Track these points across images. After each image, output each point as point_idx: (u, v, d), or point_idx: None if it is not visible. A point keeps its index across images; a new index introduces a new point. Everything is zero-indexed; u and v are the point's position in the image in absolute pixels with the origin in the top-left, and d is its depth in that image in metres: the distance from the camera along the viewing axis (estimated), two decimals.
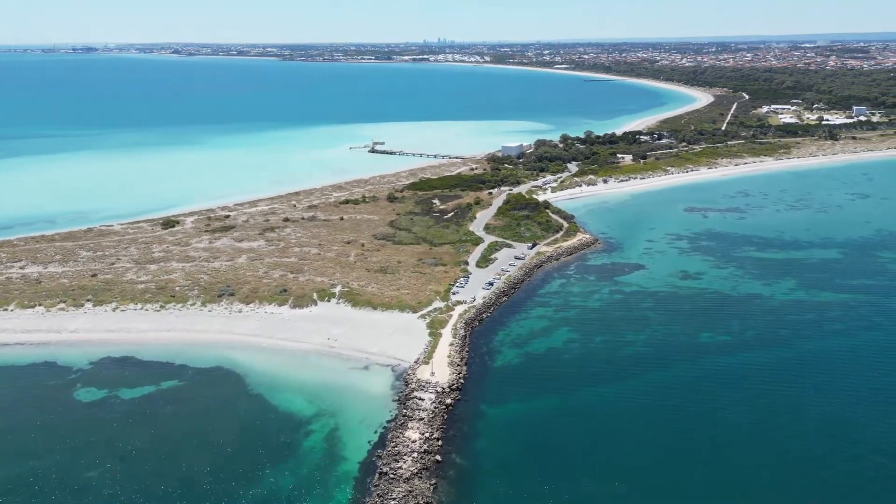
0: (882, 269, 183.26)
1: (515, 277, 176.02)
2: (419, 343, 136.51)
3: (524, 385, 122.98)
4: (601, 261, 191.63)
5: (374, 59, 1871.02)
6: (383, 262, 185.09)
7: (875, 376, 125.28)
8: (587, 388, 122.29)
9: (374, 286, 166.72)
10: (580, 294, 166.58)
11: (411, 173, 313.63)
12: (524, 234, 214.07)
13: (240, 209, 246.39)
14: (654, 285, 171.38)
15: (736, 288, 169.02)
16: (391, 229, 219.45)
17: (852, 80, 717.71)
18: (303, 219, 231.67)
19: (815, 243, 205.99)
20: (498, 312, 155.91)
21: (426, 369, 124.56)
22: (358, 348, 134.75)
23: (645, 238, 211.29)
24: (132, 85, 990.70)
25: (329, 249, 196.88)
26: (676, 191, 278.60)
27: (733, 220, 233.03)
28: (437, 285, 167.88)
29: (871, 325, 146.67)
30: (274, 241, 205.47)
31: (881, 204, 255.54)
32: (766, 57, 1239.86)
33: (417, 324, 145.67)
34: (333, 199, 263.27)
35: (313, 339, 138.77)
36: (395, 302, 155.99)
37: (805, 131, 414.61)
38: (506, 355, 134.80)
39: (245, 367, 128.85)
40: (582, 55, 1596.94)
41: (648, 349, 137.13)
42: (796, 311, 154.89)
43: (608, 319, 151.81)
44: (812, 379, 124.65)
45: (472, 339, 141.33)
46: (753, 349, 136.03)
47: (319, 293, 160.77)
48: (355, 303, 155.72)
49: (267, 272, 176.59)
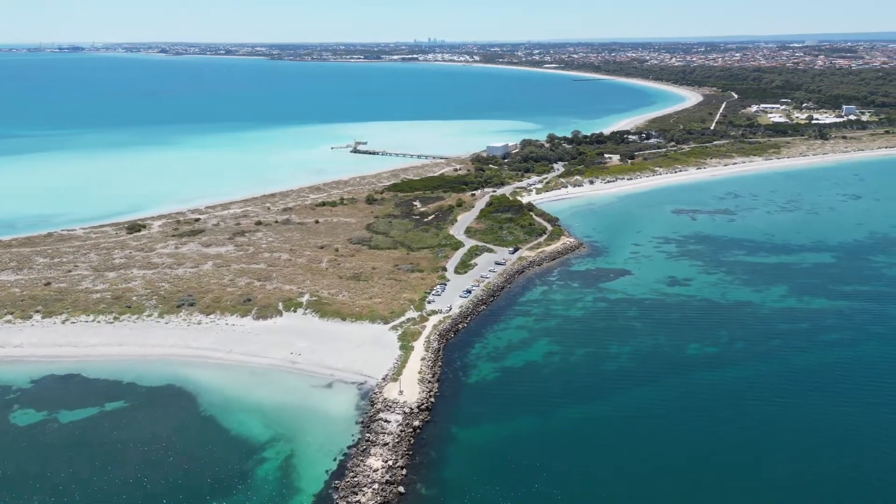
0: (877, 273, 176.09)
1: (495, 284, 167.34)
2: (389, 357, 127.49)
3: (500, 404, 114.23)
4: (585, 266, 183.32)
5: (363, 59, 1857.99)
6: (357, 269, 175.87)
7: (876, 391, 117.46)
8: (567, 406, 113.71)
9: (345, 294, 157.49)
10: (562, 302, 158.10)
11: (393, 174, 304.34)
12: (506, 237, 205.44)
13: (211, 212, 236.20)
14: (640, 292, 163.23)
15: (725, 295, 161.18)
16: (368, 233, 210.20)
17: (841, 80, 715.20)
18: (276, 222, 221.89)
19: (807, 247, 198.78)
20: (475, 323, 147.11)
21: (394, 387, 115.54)
22: (322, 364, 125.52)
23: (631, 241, 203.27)
24: (113, 84, 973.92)
25: (301, 255, 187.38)
26: (664, 192, 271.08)
27: (722, 223, 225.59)
28: (412, 293, 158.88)
29: (868, 335, 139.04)
30: (243, 246, 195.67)
31: (873, 205, 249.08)
32: (755, 56, 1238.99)
33: (388, 336, 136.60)
34: (310, 201, 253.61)
35: (275, 354, 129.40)
36: (365, 312, 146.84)
37: (795, 131, 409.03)
38: (481, 370, 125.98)
39: (199, 385, 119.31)
40: (571, 55, 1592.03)
41: (633, 363, 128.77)
42: (788, 319, 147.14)
43: (591, 330, 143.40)
44: (806, 395, 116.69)
45: (446, 352, 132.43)
46: (743, 362, 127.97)
47: (285, 303, 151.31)
48: (323, 313, 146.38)
49: (232, 280, 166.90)
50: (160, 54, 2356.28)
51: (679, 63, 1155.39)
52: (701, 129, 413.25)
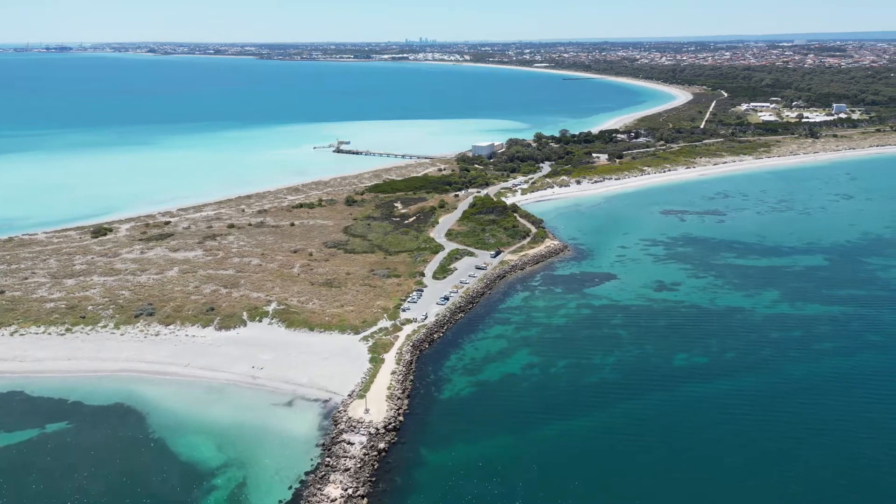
0: (871, 277, 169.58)
1: (475, 290, 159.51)
2: (357, 371, 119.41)
3: (473, 422, 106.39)
4: (570, 270, 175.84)
5: (352, 58, 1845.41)
6: (330, 274, 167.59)
7: (875, 405, 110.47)
8: (546, 424, 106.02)
9: (315, 302, 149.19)
10: (544, 309, 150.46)
11: (375, 174, 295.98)
12: (488, 240, 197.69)
13: (183, 215, 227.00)
14: (626, 298, 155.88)
15: (714, 301, 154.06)
16: (345, 236, 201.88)
17: (831, 78, 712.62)
18: (250, 225, 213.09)
19: (799, 249, 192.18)
20: (452, 332, 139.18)
21: (360, 405, 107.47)
22: (285, 378, 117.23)
23: (618, 244, 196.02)
24: (96, 83, 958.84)
25: (272, 260, 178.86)
26: (653, 192, 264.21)
27: (712, 224, 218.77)
28: (387, 300, 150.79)
29: (864, 343, 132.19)
30: (213, 250, 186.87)
31: (866, 205, 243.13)
32: (745, 55, 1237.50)
33: (358, 347, 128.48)
34: (287, 202, 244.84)
35: (236, 368, 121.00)
36: (335, 322, 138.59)
37: (785, 129, 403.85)
38: (455, 385, 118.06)
39: (150, 403, 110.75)
40: (562, 54, 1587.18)
41: (617, 375, 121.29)
42: (780, 327, 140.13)
43: (574, 339, 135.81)
44: (801, 411, 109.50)
45: (419, 364, 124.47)
46: (734, 374, 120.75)
47: (251, 312, 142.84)
48: (290, 323, 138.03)
49: (197, 287, 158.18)
50: (148, 54, 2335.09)
51: (669, 62, 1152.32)
52: (690, 128, 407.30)
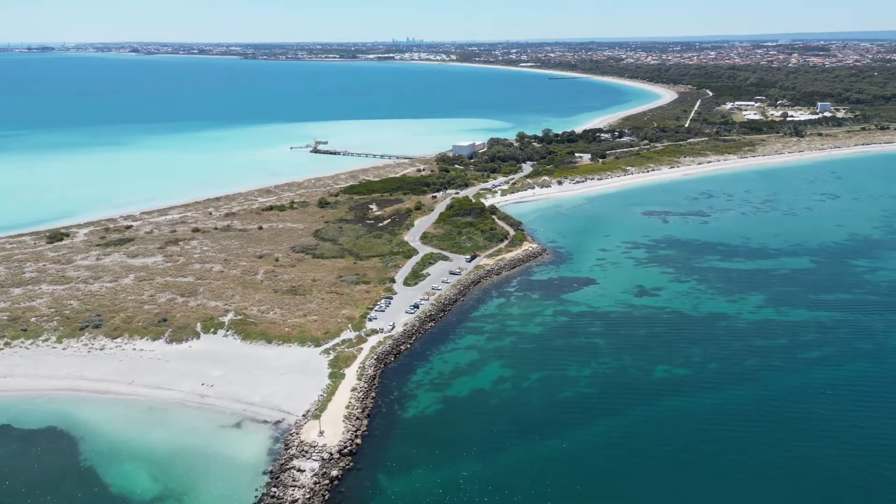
0: (858, 280, 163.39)
1: (447, 297, 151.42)
2: (315, 388, 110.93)
3: (437, 445, 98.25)
4: (548, 275, 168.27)
5: (338, 58, 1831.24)
6: (295, 281, 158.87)
7: (866, 420, 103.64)
8: (516, 445, 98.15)
9: (276, 312, 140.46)
10: (519, 317, 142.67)
11: (351, 175, 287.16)
12: (465, 244, 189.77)
13: (146, 218, 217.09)
14: (605, 304, 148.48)
15: (697, 307, 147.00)
16: (314, 240, 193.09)
17: (815, 77, 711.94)
18: (216, 229, 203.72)
19: (785, 251, 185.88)
20: (420, 343, 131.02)
21: (314, 426, 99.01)
22: (236, 397, 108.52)
23: (598, 247, 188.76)
24: (74, 83, 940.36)
25: (236, 266, 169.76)
26: (635, 192, 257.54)
27: (695, 225, 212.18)
28: (353, 309, 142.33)
29: (853, 351, 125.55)
30: (174, 256, 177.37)
31: (852, 205, 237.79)
32: (730, 55, 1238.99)
33: (318, 361, 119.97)
34: (258, 205, 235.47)
35: (183, 385, 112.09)
36: (295, 333, 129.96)
37: (770, 128, 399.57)
38: (421, 402, 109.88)
39: (86, 427, 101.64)
40: (548, 53, 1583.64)
41: (593, 389, 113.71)
42: (766, 334, 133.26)
43: (549, 349, 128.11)
44: (787, 426, 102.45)
45: (382, 379, 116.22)
46: (716, 387, 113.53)
47: (205, 323, 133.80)
48: (247, 335, 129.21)
49: (152, 296, 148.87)
50: (131, 54, 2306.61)
51: (655, 61, 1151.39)
52: (675, 127, 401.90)
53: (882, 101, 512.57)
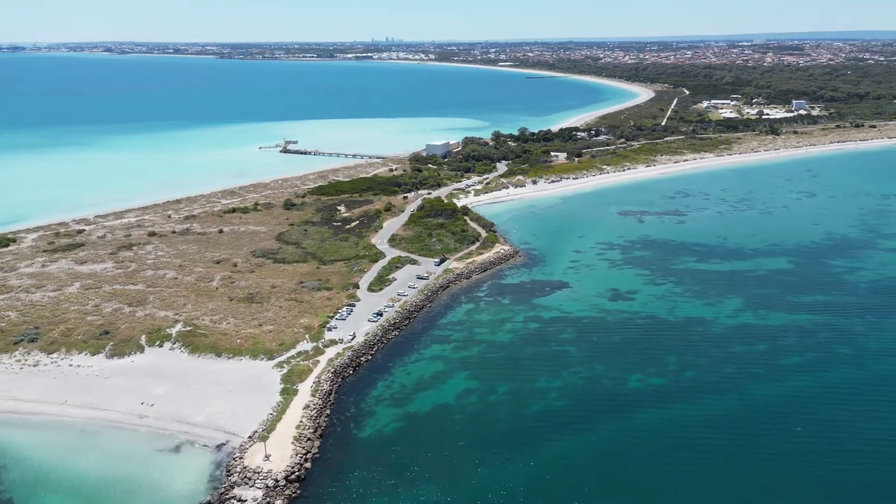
0: (837, 280, 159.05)
1: (413, 304, 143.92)
2: (264, 406, 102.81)
3: (395, 468, 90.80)
4: (519, 278, 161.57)
5: (316, 58, 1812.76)
6: (253, 288, 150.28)
7: (848, 431, 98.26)
8: (479, 467, 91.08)
9: (230, 321, 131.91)
10: (489, 324, 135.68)
11: (321, 175, 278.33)
12: (434, 246, 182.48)
13: (100, 222, 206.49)
14: (578, 309, 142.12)
15: (674, 311, 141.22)
16: (277, 243, 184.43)
17: (790, 76, 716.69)
18: (173, 232, 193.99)
19: (762, 251, 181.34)
20: (382, 353, 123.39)
21: (260, 450, 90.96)
22: (178, 417, 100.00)
23: (572, 248, 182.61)
24: (42, 83, 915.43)
25: (191, 272, 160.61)
26: (611, 192, 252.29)
27: (672, 225, 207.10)
28: (313, 318, 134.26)
29: (835, 357, 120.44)
30: (125, 262, 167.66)
31: (829, 203, 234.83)
32: (706, 54, 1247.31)
33: (270, 376, 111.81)
34: (220, 207, 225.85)
35: (121, 405, 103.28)
36: (248, 345, 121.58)
37: (746, 126, 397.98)
38: (379, 419, 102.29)
39: (11, 452, 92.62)
40: (527, 53, 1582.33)
41: (564, 402, 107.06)
42: (744, 339, 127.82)
43: (518, 359, 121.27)
44: (766, 438, 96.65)
45: (339, 395, 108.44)
46: (693, 397, 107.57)
47: (151, 335, 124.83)
48: (195, 348, 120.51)
49: (97, 306, 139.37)
50: (104, 53, 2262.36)
51: (632, 61, 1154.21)
52: (652, 126, 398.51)
53: (856, 98, 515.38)
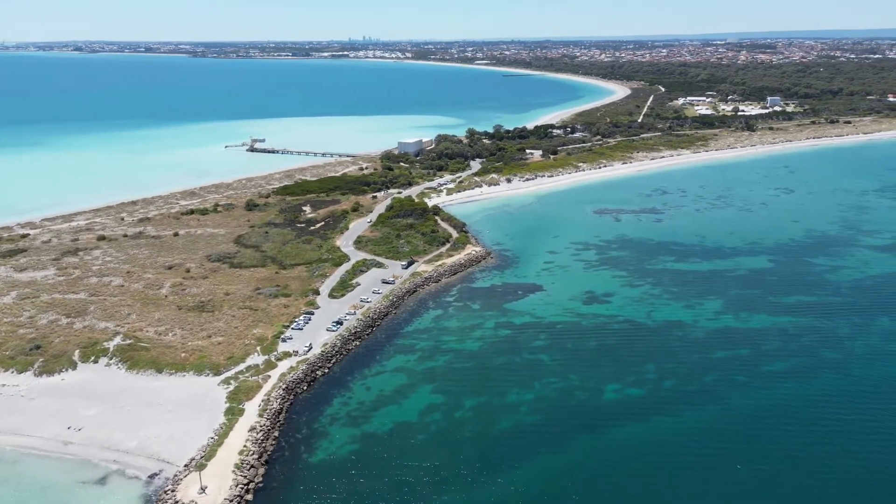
0: (819, 280, 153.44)
1: (377, 310, 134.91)
2: (206, 428, 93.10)
3: (348, 498, 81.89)
4: (491, 281, 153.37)
5: (291, 56, 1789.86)
6: (206, 295, 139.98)
7: (837, 443, 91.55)
8: (444, 495, 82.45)
9: (176, 333, 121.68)
10: (457, 331, 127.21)
11: (287, 175, 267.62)
12: (402, 248, 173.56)
13: (47, 225, 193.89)
14: (552, 314, 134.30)
15: (651, 314, 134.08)
16: (235, 247, 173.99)
17: (764, 73, 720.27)
18: (125, 236, 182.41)
19: (742, 249, 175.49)
20: (341, 366, 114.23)
21: (195, 480, 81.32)
22: (108, 443, 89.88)
23: (546, 249, 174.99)
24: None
25: (140, 278, 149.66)
26: (587, 189, 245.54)
27: (649, 224, 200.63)
28: (267, 327, 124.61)
29: (820, 362, 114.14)
30: (69, 268, 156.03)
31: (807, 199, 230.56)
32: (681, 52, 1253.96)
33: (215, 394, 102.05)
34: (178, 208, 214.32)
35: (45, 430, 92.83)
36: (193, 359, 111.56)
37: (722, 122, 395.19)
38: (333, 441, 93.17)
39: None
40: (504, 51, 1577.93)
41: (536, 417, 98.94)
42: (726, 344, 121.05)
43: (488, 369, 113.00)
44: (749, 452, 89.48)
45: (289, 414, 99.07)
46: (673, 409, 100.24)
47: (86, 350, 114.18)
48: (133, 363, 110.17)
49: (32, 317, 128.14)
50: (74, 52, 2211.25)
51: (608, 59, 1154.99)
52: (628, 122, 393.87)
53: (829, 95, 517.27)
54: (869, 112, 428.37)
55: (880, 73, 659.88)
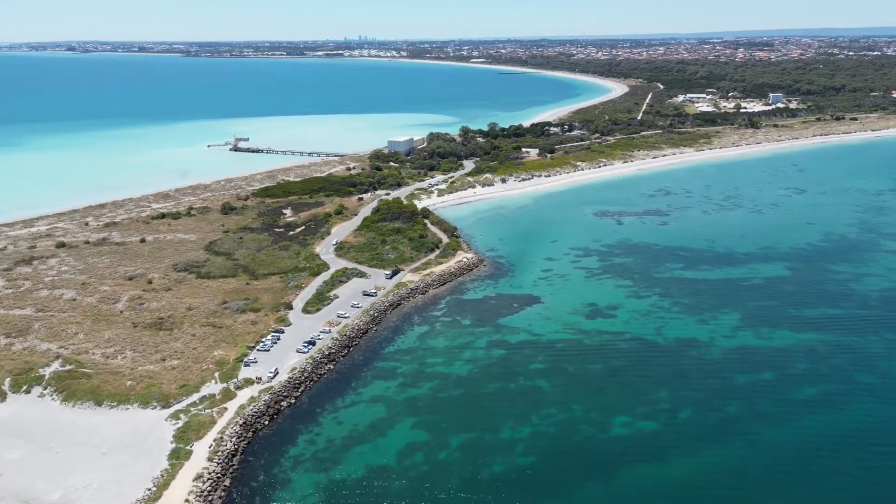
0: (845, 290, 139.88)
1: (355, 328, 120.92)
2: (144, 476, 78.98)
3: None
4: (483, 292, 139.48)
5: (285, 55, 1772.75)
6: (165, 310, 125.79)
7: (888, 485, 77.96)
8: None
9: (126, 355, 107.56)
10: (445, 351, 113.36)
11: (269, 175, 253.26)
12: (387, 255, 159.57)
13: (5, 231, 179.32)
14: (551, 330, 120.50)
15: (662, 330, 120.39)
16: (205, 254, 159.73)
17: (763, 70, 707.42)
18: (87, 243, 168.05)
19: (755, 255, 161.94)
20: (310, 396, 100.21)
21: None
22: (27, 495, 75.80)
23: (544, 255, 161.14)
24: None
25: (95, 291, 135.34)
26: (587, 190, 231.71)
27: (653, 227, 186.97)
28: (229, 349, 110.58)
29: (855, 387, 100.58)
30: (19, 279, 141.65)
31: (821, 200, 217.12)
32: (678, 50, 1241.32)
33: (161, 431, 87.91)
34: (150, 212, 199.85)
35: None
36: (140, 388, 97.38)
37: (724, 119, 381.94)
38: (295, 491, 79.13)
39: None
40: (500, 50, 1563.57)
41: (533, 458, 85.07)
42: (747, 366, 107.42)
43: (478, 398, 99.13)
44: (784, 498, 75.97)
45: (245, 457, 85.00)
46: (692, 446, 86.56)
47: (19, 377, 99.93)
48: (70, 394, 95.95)
49: None
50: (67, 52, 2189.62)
51: (605, 57, 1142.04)
52: (627, 120, 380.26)
53: (832, 91, 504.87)
54: (874, 109, 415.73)
55: (881, 69, 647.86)
